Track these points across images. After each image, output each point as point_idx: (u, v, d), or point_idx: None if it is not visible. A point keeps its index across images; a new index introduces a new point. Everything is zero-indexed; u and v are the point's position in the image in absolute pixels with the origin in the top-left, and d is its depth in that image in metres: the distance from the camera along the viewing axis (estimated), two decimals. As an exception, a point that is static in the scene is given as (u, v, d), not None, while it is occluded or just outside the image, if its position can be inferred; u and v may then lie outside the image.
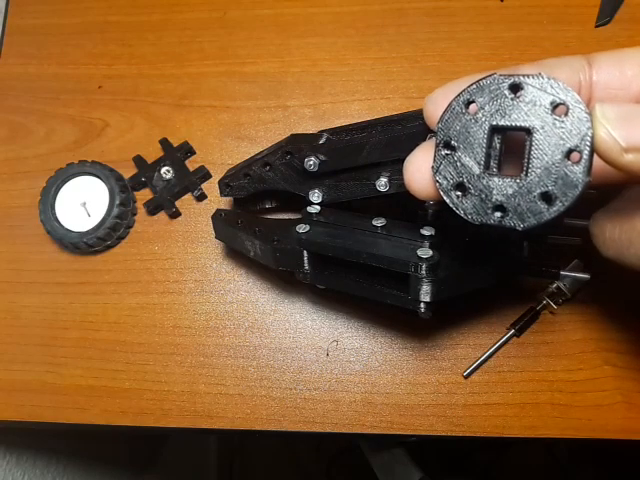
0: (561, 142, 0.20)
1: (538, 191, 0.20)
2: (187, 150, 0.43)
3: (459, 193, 0.22)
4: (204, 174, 0.43)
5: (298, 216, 0.35)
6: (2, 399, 0.40)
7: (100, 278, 0.42)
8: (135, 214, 0.43)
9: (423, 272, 0.28)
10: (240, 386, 0.38)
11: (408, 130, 0.31)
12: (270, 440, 1.10)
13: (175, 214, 0.42)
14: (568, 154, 0.20)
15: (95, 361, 0.40)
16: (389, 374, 0.38)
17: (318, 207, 0.35)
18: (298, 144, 0.34)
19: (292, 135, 0.36)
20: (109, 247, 0.42)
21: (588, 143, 0.19)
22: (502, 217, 0.21)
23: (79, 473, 0.63)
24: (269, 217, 0.38)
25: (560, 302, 0.37)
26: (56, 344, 0.41)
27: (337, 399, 0.38)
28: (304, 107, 0.44)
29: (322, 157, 0.33)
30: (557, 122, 0.20)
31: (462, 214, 0.22)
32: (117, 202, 0.41)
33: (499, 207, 0.21)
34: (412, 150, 0.29)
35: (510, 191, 0.21)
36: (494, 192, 0.21)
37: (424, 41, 0.45)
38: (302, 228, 0.32)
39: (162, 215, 0.43)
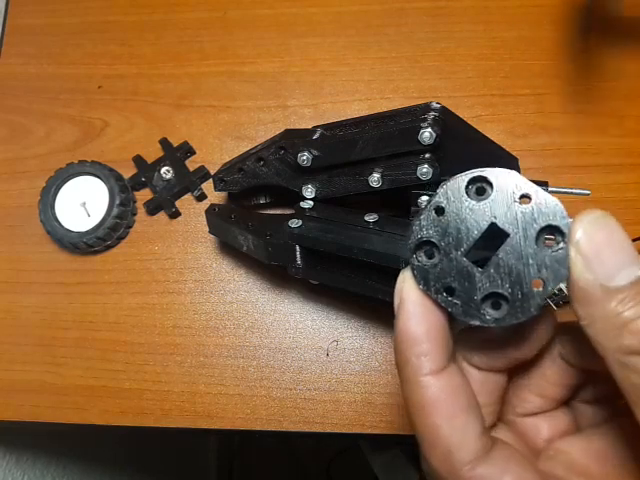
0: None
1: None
2: (187, 150, 0.43)
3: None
4: (204, 174, 0.43)
5: (292, 212, 0.35)
6: (2, 399, 0.40)
7: (100, 278, 0.42)
8: (135, 214, 0.43)
9: None
10: (240, 386, 0.38)
11: (401, 126, 0.31)
12: (270, 440, 1.10)
13: (175, 214, 0.42)
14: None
15: (95, 361, 0.40)
16: (389, 374, 0.38)
17: (311, 202, 0.35)
18: (292, 139, 0.35)
19: (286, 130, 0.36)
20: (109, 247, 0.42)
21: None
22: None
23: (79, 473, 0.63)
24: (262, 212, 0.39)
25: (560, 304, 0.37)
26: (56, 344, 0.41)
27: (337, 399, 0.37)
28: (304, 107, 0.44)
29: (315, 152, 0.33)
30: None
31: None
32: (117, 202, 0.41)
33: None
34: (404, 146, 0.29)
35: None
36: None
37: (424, 41, 0.45)
38: (295, 223, 0.33)
39: (162, 215, 0.43)
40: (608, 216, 0.19)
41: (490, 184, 0.19)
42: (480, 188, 0.20)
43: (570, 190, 0.33)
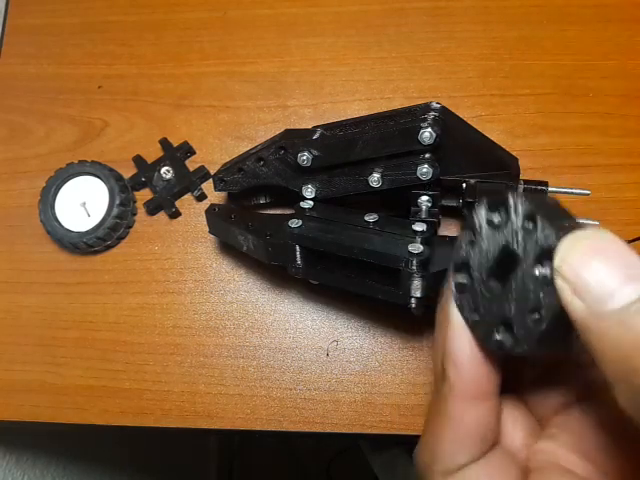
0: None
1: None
2: (187, 150, 0.43)
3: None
4: (204, 174, 0.43)
5: (292, 212, 0.35)
6: (2, 399, 0.40)
7: (100, 278, 0.42)
8: (135, 214, 0.43)
9: (414, 267, 0.28)
10: (240, 386, 0.38)
11: (401, 126, 0.31)
12: (270, 440, 1.10)
13: (175, 214, 0.42)
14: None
15: (95, 361, 0.40)
16: (389, 374, 0.38)
17: (311, 202, 0.35)
18: (292, 139, 0.35)
19: (286, 130, 0.36)
20: (109, 247, 0.42)
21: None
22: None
23: (79, 473, 0.63)
24: (262, 212, 0.39)
25: None
26: (56, 344, 0.41)
27: (337, 399, 0.37)
28: (304, 107, 0.44)
29: (315, 152, 0.33)
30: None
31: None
32: (117, 202, 0.41)
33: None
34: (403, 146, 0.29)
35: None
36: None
37: (424, 41, 0.45)
38: (295, 223, 0.33)
39: (162, 215, 0.43)
40: (599, 233, 0.16)
41: (508, 208, 0.19)
42: (503, 212, 0.19)
43: (570, 190, 0.33)
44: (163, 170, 0.43)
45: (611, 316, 0.15)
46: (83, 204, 0.42)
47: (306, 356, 0.39)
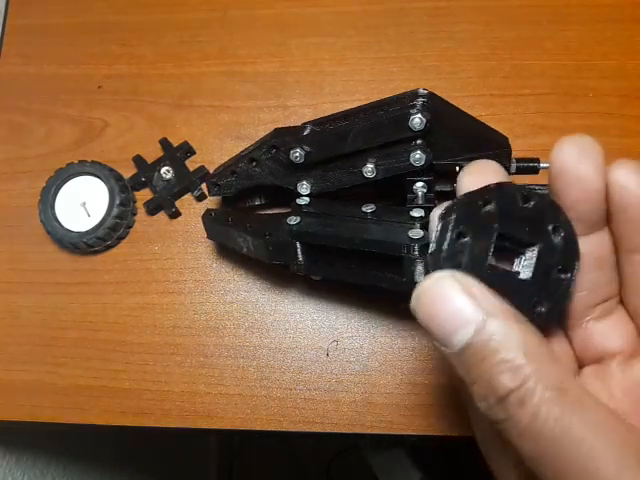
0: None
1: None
2: (187, 150, 0.43)
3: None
4: (204, 174, 0.43)
5: (288, 210, 0.35)
6: (2, 399, 0.40)
7: (100, 278, 0.42)
8: (135, 214, 0.43)
9: (416, 252, 0.28)
10: (240, 386, 0.38)
11: (390, 114, 0.31)
12: (270, 440, 1.10)
13: (175, 214, 0.42)
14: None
15: (95, 361, 0.40)
16: (389, 374, 0.38)
17: (307, 198, 0.35)
18: (282, 137, 0.35)
19: (276, 129, 0.36)
20: (109, 247, 0.42)
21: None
22: None
23: (79, 473, 0.63)
24: (259, 212, 0.39)
25: None
26: (56, 344, 0.41)
27: (337, 399, 0.37)
28: (304, 107, 0.44)
29: (307, 148, 0.33)
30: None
31: None
32: (117, 202, 0.41)
33: None
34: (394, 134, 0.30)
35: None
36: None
37: (424, 41, 0.45)
38: (293, 220, 0.33)
39: (162, 215, 0.43)
40: (439, 281, 0.20)
41: None
42: None
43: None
44: (163, 170, 0.43)
45: (451, 356, 0.20)
46: (83, 204, 0.42)
47: (306, 356, 0.39)
